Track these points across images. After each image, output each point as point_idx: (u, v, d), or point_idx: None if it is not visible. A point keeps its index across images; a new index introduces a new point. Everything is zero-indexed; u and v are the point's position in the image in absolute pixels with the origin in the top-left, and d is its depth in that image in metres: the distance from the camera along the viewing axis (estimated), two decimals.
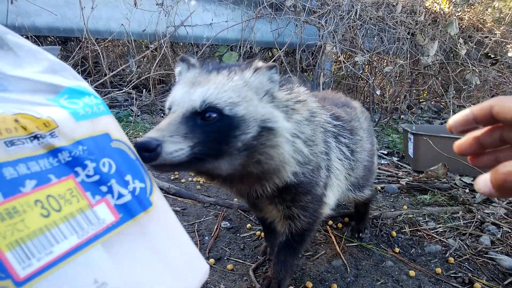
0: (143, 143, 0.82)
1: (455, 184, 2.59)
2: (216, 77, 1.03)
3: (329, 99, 1.77)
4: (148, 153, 0.82)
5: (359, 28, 4.83)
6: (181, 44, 4.75)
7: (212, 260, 1.66)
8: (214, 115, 0.95)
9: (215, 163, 0.97)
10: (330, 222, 2.06)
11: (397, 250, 1.80)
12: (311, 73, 5.65)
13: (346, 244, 1.86)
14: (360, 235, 1.92)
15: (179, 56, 1.17)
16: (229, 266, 1.61)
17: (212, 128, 0.94)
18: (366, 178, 1.78)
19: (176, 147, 0.86)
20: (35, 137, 0.62)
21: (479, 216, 2.11)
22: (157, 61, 4.34)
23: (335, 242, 1.86)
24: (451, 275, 1.62)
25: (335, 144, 1.45)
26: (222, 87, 0.99)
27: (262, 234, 1.91)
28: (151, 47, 4.44)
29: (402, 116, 5.29)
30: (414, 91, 5.76)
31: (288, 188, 1.21)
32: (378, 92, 5.18)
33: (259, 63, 1.11)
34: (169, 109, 1.02)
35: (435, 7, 5.48)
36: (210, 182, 1.22)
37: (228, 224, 2.00)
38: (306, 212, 1.31)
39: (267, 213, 1.39)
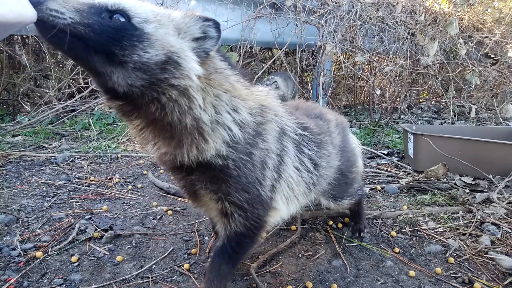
0: None
1: (455, 184, 2.59)
2: (148, 4, 1.05)
3: (302, 109, 1.71)
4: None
5: (359, 28, 4.83)
6: None
7: None
8: (122, 19, 0.94)
9: (106, 66, 0.93)
10: (330, 222, 2.06)
11: (397, 250, 1.80)
12: (311, 73, 5.65)
13: (346, 244, 1.86)
14: (361, 234, 1.92)
15: None
16: None
17: (112, 25, 0.92)
18: (340, 190, 1.73)
19: (59, 9, 0.86)
20: None
21: (479, 216, 2.11)
22: None
23: (335, 242, 1.86)
24: (451, 275, 1.62)
25: (295, 152, 1.39)
26: (144, 7, 1.01)
27: (262, 234, 1.91)
28: None
29: (402, 116, 5.29)
30: (414, 91, 5.76)
31: (213, 171, 1.13)
32: (378, 92, 5.18)
33: (196, 12, 1.10)
34: None
35: (435, 7, 5.48)
36: (118, 113, 1.11)
37: None
38: (242, 212, 1.20)
39: (203, 204, 1.28)
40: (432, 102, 5.99)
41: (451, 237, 1.93)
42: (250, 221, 1.23)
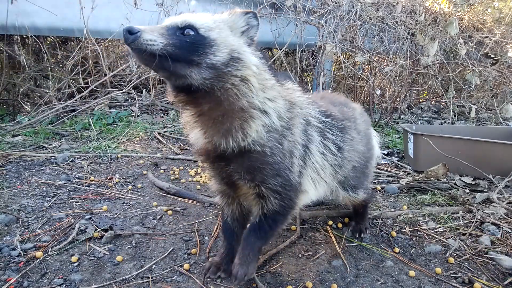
0: (129, 27, 1.08)
1: (455, 184, 2.59)
2: (199, 14, 1.29)
3: (327, 98, 1.85)
4: (130, 34, 1.08)
5: (359, 28, 4.83)
6: None
7: None
8: (192, 32, 1.19)
9: (186, 69, 1.17)
10: (330, 222, 2.06)
11: (397, 250, 1.80)
12: (311, 73, 5.65)
13: (346, 244, 1.86)
14: (362, 235, 1.92)
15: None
16: None
17: (188, 39, 1.18)
18: (358, 179, 1.82)
19: (152, 38, 1.11)
20: None
21: (479, 216, 2.11)
22: None
23: (335, 242, 1.86)
24: (451, 275, 1.62)
25: (319, 139, 1.54)
26: (202, 17, 1.26)
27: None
28: None
29: (402, 116, 5.29)
30: (414, 91, 5.76)
31: (252, 156, 1.29)
32: (378, 92, 5.18)
33: (238, 9, 1.33)
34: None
35: (435, 7, 5.48)
36: (188, 109, 1.32)
37: None
38: (277, 195, 1.38)
39: (240, 190, 1.44)
40: (432, 102, 5.99)
41: (451, 237, 1.93)
42: (284, 201, 1.41)
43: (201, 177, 2.74)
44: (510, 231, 1.97)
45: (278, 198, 1.39)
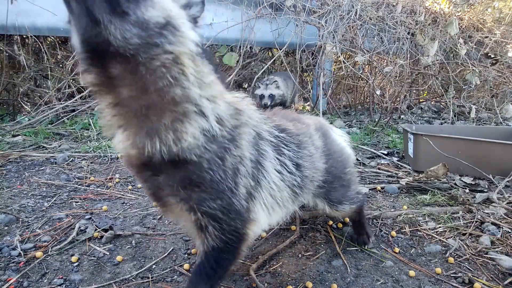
0: None
1: (455, 184, 2.59)
2: None
3: (279, 114, 1.67)
4: None
5: (359, 28, 4.83)
6: None
7: None
8: None
9: (105, 15, 0.85)
10: (330, 222, 2.06)
11: (397, 250, 1.80)
12: (311, 73, 5.66)
13: (347, 248, 1.85)
14: (367, 246, 1.82)
15: None
16: None
17: None
18: (339, 194, 1.68)
19: None
20: None
21: (479, 216, 2.11)
22: None
23: (335, 242, 1.86)
24: (451, 275, 1.62)
25: (274, 155, 1.32)
26: None
27: (262, 234, 1.91)
28: None
29: (402, 116, 5.29)
30: (414, 91, 5.76)
31: (185, 167, 1.03)
32: (378, 92, 5.19)
33: None
34: None
35: (435, 7, 5.49)
36: (96, 90, 1.00)
37: None
38: (217, 224, 1.12)
39: (174, 213, 1.19)
40: (432, 102, 5.99)
41: (451, 237, 1.93)
42: (227, 234, 1.15)
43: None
44: (510, 231, 1.97)
45: (217, 229, 1.13)
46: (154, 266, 1.62)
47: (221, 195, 1.09)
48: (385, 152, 3.51)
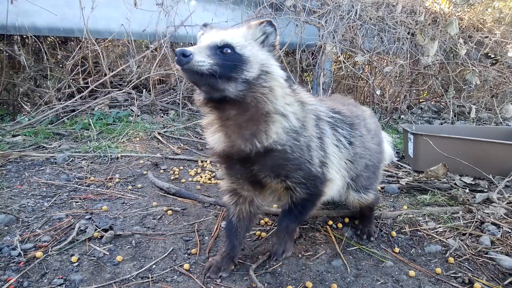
0: (182, 49, 1.21)
1: (455, 184, 2.59)
2: (230, 30, 1.43)
3: (337, 99, 1.97)
4: (184, 57, 1.21)
5: (359, 28, 4.83)
6: (181, 44, 4.75)
7: None
8: (229, 50, 1.32)
9: (225, 84, 1.30)
10: (330, 222, 2.06)
11: (397, 250, 1.80)
12: (311, 73, 5.65)
13: (347, 248, 1.85)
14: (371, 238, 1.89)
15: (203, 23, 1.56)
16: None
17: (227, 58, 1.31)
18: (370, 179, 1.85)
19: (202, 59, 1.24)
20: None
21: (479, 216, 2.11)
22: (157, 61, 4.34)
23: (335, 242, 1.86)
24: (451, 275, 1.62)
25: (331, 132, 1.63)
26: (235, 34, 1.38)
27: (262, 234, 1.91)
28: (151, 47, 4.44)
29: (402, 116, 5.29)
30: (414, 91, 5.76)
31: (274, 155, 1.41)
32: (378, 92, 5.18)
33: (253, 22, 1.44)
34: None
35: (435, 7, 5.48)
36: (215, 114, 1.42)
37: None
38: (303, 186, 1.51)
39: (267, 188, 1.56)
40: (432, 102, 5.98)
41: (451, 237, 1.93)
42: (310, 189, 1.53)
43: (201, 177, 2.74)
44: (510, 231, 1.97)
45: (304, 188, 1.51)
46: (154, 266, 1.62)
47: (301, 166, 1.47)
48: None
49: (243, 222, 1.64)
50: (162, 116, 4.47)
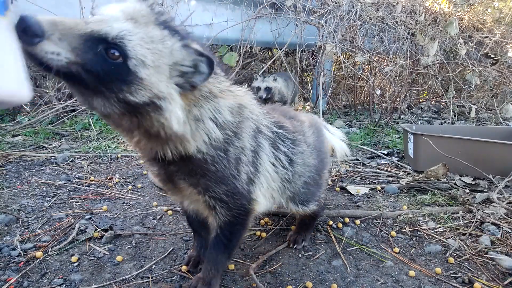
0: (28, 22, 0.79)
1: (455, 184, 2.59)
2: (154, 31, 0.96)
3: (278, 110, 1.77)
4: (25, 36, 0.79)
5: (359, 28, 4.83)
6: None
7: None
8: (117, 54, 0.89)
9: (89, 96, 0.94)
10: (330, 222, 2.06)
11: (397, 250, 1.80)
12: (311, 73, 5.65)
13: (347, 248, 1.85)
14: (296, 246, 1.80)
15: None
16: (230, 266, 1.61)
17: (106, 66, 0.89)
18: (310, 192, 1.73)
19: (54, 50, 0.83)
20: None
21: (479, 216, 2.11)
22: None
23: (335, 242, 1.86)
24: (451, 275, 1.62)
25: (270, 149, 1.43)
26: (148, 42, 0.93)
27: (262, 234, 1.91)
28: None
29: (402, 116, 5.29)
30: (414, 91, 5.76)
31: (193, 162, 1.17)
32: (378, 92, 5.19)
33: (196, 46, 1.04)
34: (93, 15, 0.95)
35: (435, 7, 5.48)
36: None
37: None
38: (224, 204, 1.28)
39: (185, 195, 1.33)
40: (432, 102, 5.99)
41: (451, 237, 1.93)
42: (235, 210, 1.31)
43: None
44: (510, 231, 1.97)
45: (225, 207, 1.29)
46: (154, 266, 1.62)
47: (225, 181, 1.24)
48: (385, 152, 3.51)
49: (200, 215, 1.50)
50: None
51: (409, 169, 3.02)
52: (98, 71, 0.88)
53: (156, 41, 0.96)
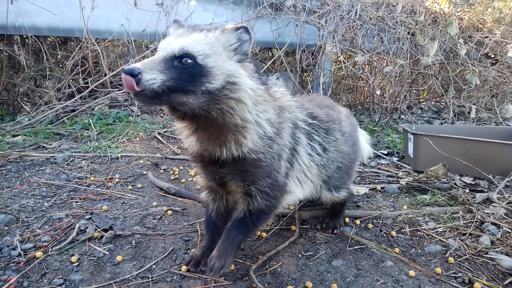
0: (129, 69, 1.09)
1: (455, 184, 2.59)
2: (195, 33, 1.27)
3: (314, 101, 1.93)
4: (132, 77, 1.08)
5: (359, 28, 4.82)
6: None
7: None
8: (190, 60, 1.19)
9: (183, 97, 1.20)
10: None
11: (397, 250, 1.80)
12: (311, 73, 5.65)
13: (347, 248, 1.85)
14: (335, 231, 1.95)
15: (174, 20, 1.43)
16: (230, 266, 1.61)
17: (185, 70, 1.18)
18: (342, 179, 1.89)
19: (152, 76, 1.12)
20: None
21: (479, 216, 2.11)
22: None
23: (335, 242, 1.86)
24: (451, 275, 1.62)
25: (307, 141, 1.62)
26: (199, 41, 1.24)
27: (262, 234, 1.91)
28: (151, 47, 4.44)
29: (402, 116, 5.29)
30: (414, 91, 5.76)
31: (245, 163, 1.37)
32: (378, 92, 5.18)
33: (228, 25, 1.32)
34: (156, 50, 1.27)
35: (435, 7, 5.48)
36: (178, 120, 1.35)
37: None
38: (265, 195, 1.46)
39: (229, 191, 1.53)
40: (432, 102, 5.98)
41: (451, 237, 1.93)
42: (271, 200, 1.48)
43: (201, 177, 2.74)
44: (510, 231, 1.97)
45: (265, 197, 1.46)
46: (154, 266, 1.62)
47: (270, 174, 1.43)
48: (385, 152, 3.51)
49: (222, 217, 1.67)
50: (162, 116, 4.47)
51: (409, 169, 3.02)
52: (183, 76, 1.18)
53: (203, 39, 1.25)
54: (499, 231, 1.96)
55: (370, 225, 2.05)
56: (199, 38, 1.24)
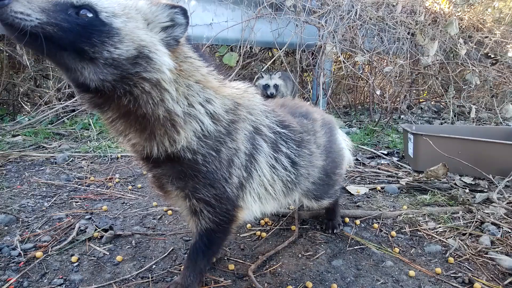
0: None
1: (455, 184, 2.59)
2: None
3: (288, 106, 1.70)
4: None
5: (359, 28, 4.83)
6: None
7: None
8: (90, 14, 0.94)
9: (77, 63, 0.95)
10: None
11: (397, 250, 1.80)
12: (311, 73, 5.65)
13: (347, 248, 1.85)
14: (335, 231, 1.94)
15: None
16: (230, 266, 1.61)
17: (80, 22, 0.92)
18: (322, 190, 1.74)
19: (25, 10, 0.85)
20: None
21: (479, 216, 2.11)
22: None
23: (335, 242, 1.86)
24: (451, 275, 1.62)
25: (270, 151, 1.38)
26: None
27: (262, 234, 1.91)
28: None
29: (402, 116, 5.29)
30: (414, 91, 5.76)
31: (182, 163, 1.14)
32: (378, 92, 5.18)
33: (163, 1, 1.10)
34: None
35: (435, 7, 5.48)
36: (89, 107, 1.12)
37: None
38: (211, 209, 1.23)
39: (172, 199, 1.31)
40: (432, 102, 5.99)
41: (451, 237, 1.93)
42: (219, 216, 1.26)
43: None
44: (510, 231, 1.97)
45: (211, 212, 1.24)
46: (154, 266, 1.62)
47: (215, 184, 1.20)
48: (385, 152, 3.51)
49: None
50: None
51: (409, 169, 3.02)
52: (75, 27, 0.91)
53: (123, 2, 1.02)
54: (499, 231, 1.96)
55: (373, 225, 2.05)
56: None
